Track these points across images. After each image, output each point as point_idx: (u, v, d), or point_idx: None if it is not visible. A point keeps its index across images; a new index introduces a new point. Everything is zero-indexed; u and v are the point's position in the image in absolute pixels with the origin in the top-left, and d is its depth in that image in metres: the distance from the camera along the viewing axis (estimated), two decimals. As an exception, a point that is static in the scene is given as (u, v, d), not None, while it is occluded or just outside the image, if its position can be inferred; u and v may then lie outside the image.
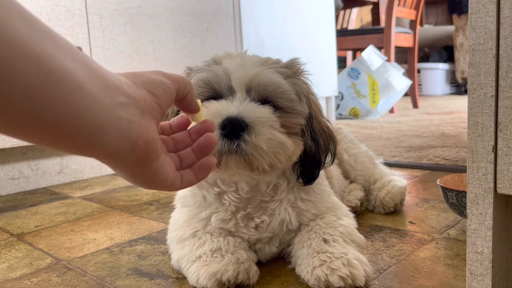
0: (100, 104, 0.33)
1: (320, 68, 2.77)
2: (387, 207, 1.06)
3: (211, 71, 0.69)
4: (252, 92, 0.68)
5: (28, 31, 0.29)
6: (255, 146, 0.63)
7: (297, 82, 0.73)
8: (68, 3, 1.56)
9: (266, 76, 0.67)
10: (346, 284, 0.66)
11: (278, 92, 0.68)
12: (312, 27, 2.72)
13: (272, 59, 0.73)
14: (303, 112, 0.71)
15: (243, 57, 0.71)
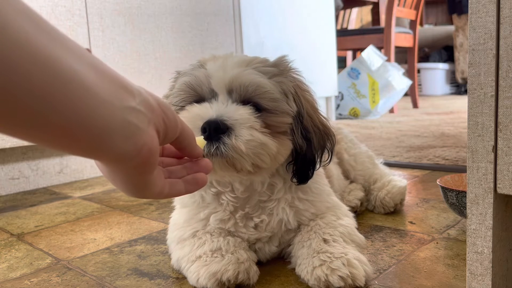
0: (109, 106, 0.32)
1: (320, 68, 2.77)
2: (387, 207, 1.06)
3: (193, 75, 0.69)
4: (233, 94, 0.67)
5: (36, 32, 0.29)
6: (235, 148, 0.63)
7: (283, 81, 0.71)
8: (68, 3, 1.56)
9: (246, 77, 0.67)
10: (346, 284, 0.66)
11: (260, 92, 0.67)
12: (312, 27, 2.71)
13: (259, 58, 0.72)
14: (289, 111, 0.70)
15: (226, 58, 0.71)
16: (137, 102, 0.35)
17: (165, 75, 1.85)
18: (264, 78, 0.68)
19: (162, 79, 1.84)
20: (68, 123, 0.30)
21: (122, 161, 0.36)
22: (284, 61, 0.75)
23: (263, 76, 0.68)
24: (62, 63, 0.30)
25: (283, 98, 0.69)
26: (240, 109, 0.66)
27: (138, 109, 0.35)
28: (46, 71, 0.28)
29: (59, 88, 0.29)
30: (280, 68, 0.72)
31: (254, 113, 0.66)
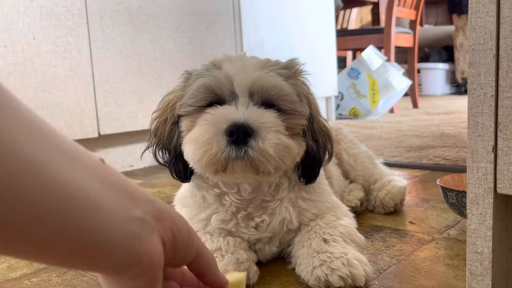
0: (114, 219, 0.30)
1: (320, 68, 2.77)
2: (387, 207, 1.06)
3: (212, 76, 0.68)
4: (255, 96, 0.67)
5: (49, 153, 0.27)
6: (262, 151, 0.63)
7: (297, 83, 0.73)
8: (68, 3, 1.55)
9: (268, 80, 0.67)
10: (346, 284, 0.66)
11: (281, 95, 0.68)
12: (312, 27, 2.71)
13: (271, 60, 0.73)
14: (304, 113, 0.71)
15: (243, 60, 0.70)
16: (143, 211, 0.33)
17: (165, 75, 1.85)
18: (283, 80, 0.69)
19: (162, 79, 1.84)
20: (69, 242, 0.28)
21: (119, 272, 0.32)
22: (296, 64, 0.75)
23: (281, 79, 0.69)
24: (73, 185, 0.28)
25: (298, 101, 0.70)
26: (265, 112, 0.66)
27: (144, 219, 0.32)
28: (58, 196, 0.27)
29: (66, 210, 0.27)
30: (292, 71, 0.73)
31: (277, 116, 0.67)
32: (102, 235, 0.29)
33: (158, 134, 0.76)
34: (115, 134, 1.76)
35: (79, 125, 1.60)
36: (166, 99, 0.77)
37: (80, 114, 1.60)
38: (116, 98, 1.69)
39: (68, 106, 1.57)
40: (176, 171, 0.75)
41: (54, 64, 1.53)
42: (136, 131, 1.82)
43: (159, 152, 0.76)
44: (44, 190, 0.26)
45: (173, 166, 0.74)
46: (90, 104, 1.63)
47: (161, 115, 0.76)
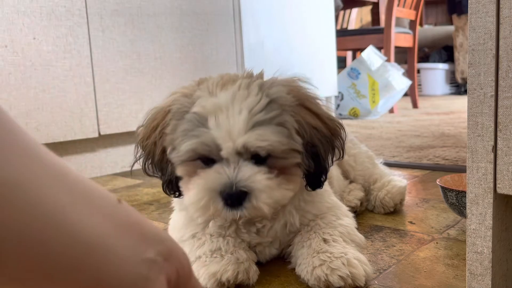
0: (126, 263, 0.30)
1: (320, 68, 2.77)
2: (387, 207, 1.06)
3: (199, 142, 0.66)
4: (244, 155, 0.66)
5: (70, 201, 0.27)
6: (257, 209, 0.66)
7: (286, 119, 0.68)
8: (68, 3, 1.56)
9: (256, 143, 0.65)
10: (346, 284, 0.66)
11: (270, 151, 0.66)
12: (312, 27, 2.71)
13: (257, 96, 0.67)
14: (297, 148, 0.68)
15: (230, 115, 0.65)
16: (156, 252, 0.33)
17: (165, 75, 1.85)
18: (272, 133, 0.65)
19: (162, 79, 1.84)
20: (78, 285, 0.28)
21: None
22: (280, 91, 0.69)
23: (270, 129, 0.66)
24: (92, 235, 0.28)
25: (289, 138, 0.67)
26: (256, 171, 0.65)
27: (155, 260, 0.32)
28: (77, 248, 0.27)
29: (85, 261, 0.28)
30: (280, 103, 0.68)
31: (268, 169, 0.66)
32: (115, 280, 0.30)
33: (147, 151, 0.75)
34: (115, 134, 1.76)
35: (79, 125, 1.60)
36: (152, 122, 0.75)
37: (80, 114, 1.60)
38: (116, 98, 1.70)
39: (68, 106, 1.57)
40: (170, 190, 0.75)
41: (54, 64, 1.53)
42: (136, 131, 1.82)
43: (148, 166, 0.76)
44: (65, 243, 0.26)
45: (167, 187, 0.75)
46: (90, 104, 1.63)
47: (148, 136, 0.75)
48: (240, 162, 0.65)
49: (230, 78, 0.71)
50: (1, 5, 1.41)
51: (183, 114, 0.68)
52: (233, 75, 0.73)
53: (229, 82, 0.69)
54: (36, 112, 1.49)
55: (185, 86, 0.76)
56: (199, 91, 0.70)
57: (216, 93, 0.67)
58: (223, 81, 0.70)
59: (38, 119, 1.50)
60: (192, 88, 0.72)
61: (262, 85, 0.69)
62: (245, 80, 0.69)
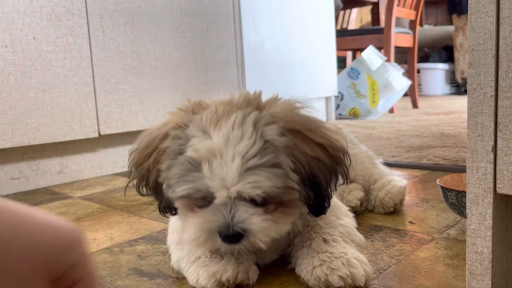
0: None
1: (320, 68, 2.77)
2: (386, 207, 1.06)
3: (193, 188, 0.65)
4: (239, 198, 0.65)
5: None
6: (254, 245, 0.66)
7: (282, 160, 0.65)
8: (68, 3, 1.56)
9: (251, 192, 0.63)
10: (346, 284, 0.66)
11: (265, 195, 0.65)
12: (312, 27, 2.72)
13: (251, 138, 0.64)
14: (293, 185, 0.66)
15: (223, 163, 0.63)
16: None
17: (165, 75, 1.85)
18: (267, 178, 0.63)
19: (162, 79, 1.84)
20: None
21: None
22: (275, 132, 0.66)
23: (265, 175, 0.63)
24: None
25: (284, 178, 0.65)
26: (252, 214, 0.65)
27: None
28: None
29: None
30: (275, 144, 0.65)
31: (264, 207, 0.66)
32: None
33: (141, 176, 0.74)
34: (115, 134, 1.76)
35: (79, 125, 1.60)
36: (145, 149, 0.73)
37: (80, 114, 1.60)
38: (116, 98, 1.70)
39: (68, 106, 1.57)
40: (167, 212, 0.75)
41: (54, 64, 1.53)
42: (136, 131, 1.82)
43: (142, 188, 0.75)
44: None
45: (163, 209, 0.75)
46: (90, 104, 1.63)
47: (142, 162, 0.73)
48: (236, 202, 0.65)
49: (224, 109, 0.67)
50: (1, 5, 1.41)
51: (177, 155, 0.67)
52: (228, 103, 0.69)
53: (223, 116, 0.66)
54: (36, 112, 1.49)
55: (180, 109, 0.73)
56: (192, 126, 0.67)
57: (210, 132, 0.65)
58: (217, 115, 0.67)
59: (38, 119, 1.50)
60: (186, 117, 0.70)
61: (256, 122, 0.66)
62: (240, 115, 0.66)
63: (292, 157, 0.66)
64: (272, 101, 0.72)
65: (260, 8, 2.31)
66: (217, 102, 0.70)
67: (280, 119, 0.68)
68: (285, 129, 0.67)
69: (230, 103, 0.69)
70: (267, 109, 0.69)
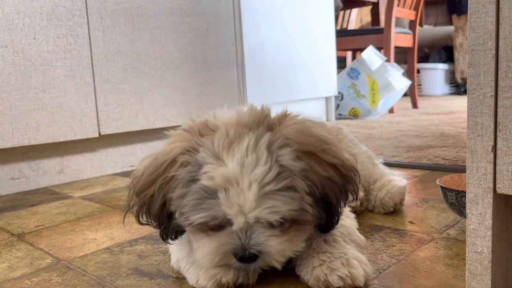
0: None
1: (320, 68, 2.77)
2: (386, 207, 1.06)
3: (209, 215, 0.63)
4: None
5: None
6: (270, 265, 0.67)
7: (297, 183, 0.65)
8: (68, 3, 1.56)
9: (269, 217, 0.63)
10: (345, 284, 0.66)
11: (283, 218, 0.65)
12: (312, 27, 2.72)
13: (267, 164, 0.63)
14: (307, 208, 0.66)
15: (240, 191, 0.62)
16: None
17: (165, 75, 1.85)
18: (284, 203, 0.63)
19: (162, 79, 1.84)
20: None
21: None
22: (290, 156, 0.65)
23: (281, 199, 0.63)
24: None
25: (300, 201, 0.65)
26: (268, 235, 0.65)
27: None
28: None
29: None
30: (291, 169, 0.64)
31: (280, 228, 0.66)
32: None
33: (142, 202, 0.71)
34: (115, 134, 1.76)
35: (79, 125, 1.60)
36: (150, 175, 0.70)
37: (80, 114, 1.60)
38: (116, 98, 1.70)
39: (68, 106, 1.57)
40: (169, 238, 0.73)
41: (54, 64, 1.53)
42: (136, 131, 1.82)
43: (142, 216, 0.72)
44: None
45: (166, 235, 0.72)
46: (90, 104, 1.63)
47: (145, 189, 0.70)
48: (252, 225, 0.65)
49: (236, 132, 0.66)
50: (1, 5, 1.41)
51: (189, 183, 0.65)
52: (237, 123, 0.67)
53: (235, 140, 0.65)
54: (36, 112, 1.49)
55: (185, 130, 0.71)
56: (203, 151, 0.65)
57: (223, 157, 0.64)
58: (229, 139, 0.65)
59: (38, 119, 1.50)
60: (194, 140, 0.68)
61: (270, 146, 0.65)
62: (253, 138, 0.65)
63: (307, 180, 0.65)
64: (282, 120, 0.70)
65: (260, 8, 2.31)
66: (227, 123, 0.68)
67: (293, 141, 0.66)
68: (299, 151, 0.66)
69: (239, 124, 0.67)
70: (280, 130, 0.68)
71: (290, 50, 2.51)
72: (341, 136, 1.10)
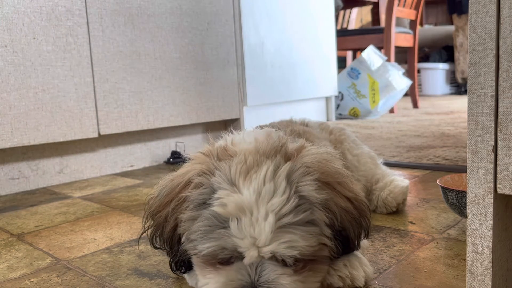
0: None
1: (320, 68, 2.77)
2: (389, 207, 1.06)
3: (219, 247, 0.59)
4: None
5: None
6: None
7: (316, 215, 0.61)
8: (68, 3, 1.55)
9: (286, 253, 0.58)
10: (345, 284, 0.66)
11: (301, 255, 0.60)
12: (312, 27, 2.71)
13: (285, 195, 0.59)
14: (325, 241, 0.62)
15: (254, 221, 0.58)
16: None
17: (165, 75, 1.85)
18: (302, 238, 0.59)
19: (162, 79, 1.84)
20: None
21: None
22: (311, 188, 0.62)
23: (300, 233, 0.59)
24: None
25: (319, 235, 0.61)
26: (280, 274, 0.59)
27: None
28: None
29: None
30: (311, 200, 0.61)
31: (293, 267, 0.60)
32: None
33: (157, 224, 0.70)
34: (115, 134, 1.76)
35: (79, 125, 1.60)
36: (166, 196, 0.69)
37: (80, 114, 1.60)
38: (116, 98, 1.70)
39: (68, 106, 1.57)
40: (179, 268, 0.71)
41: (54, 64, 1.53)
42: (136, 131, 1.82)
43: (156, 239, 0.70)
44: None
45: (176, 264, 0.70)
46: (90, 104, 1.63)
47: (160, 210, 0.69)
48: (263, 261, 0.59)
49: (254, 159, 0.63)
50: (1, 5, 1.41)
51: (201, 207, 0.62)
52: (255, 151, 0.65)
53: (253, 168, 0.62)
54: (36, 112, 1.49)
55: (203, 153, 0.69)
56: (218, 175, 0.63)
57: (239, 184, 0.60)
58: (247, 165, 0.62)
59: (38, 119, 1.50)
60: (211, 163, 0.65)
61: (290, 175, 0.62)
62: (271, 166, 0.62)
63: (327, 212, 0.62)
64: (300, 150, 0.68)
65: (260, 8, 2.31)
66: (245, 150, 0.66)
67: (314, 170, 0.64)
68: (320, 181, 0.64)
69: (257, 151, 0.65)
70: (299, 159, 0.65)
71: (290, 50, 2.51)
72: (344, 137, 1.10)
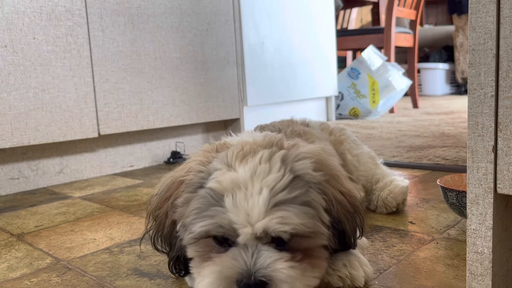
0: None
1: (320, 68, 2.77)
2: (389, 207, 1.06)
3: (214, 223, 0.59)
4: (263, 238, 0.59)
5: None
6: None
7: (313, 197, 0.61)
8: (68, 3, 1.55)
9: (279, 228, 0.58)
10: (345, 284, 0.66)
11: (293, 234, 0.59)
12: (312, 27, 2.71)
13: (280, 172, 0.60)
14: (323, 230, 0.62)
15: (249, 195, 0.58)
16: None
17: (165, 75, 1.85)
18: (296, 215, 0.58)
19: (162, 79, 1.84)
20: None
21: None
22: (306, 166, 0.63)
23: (294, 210, 0.59)
24: None
25: (315, 219, 0.61)
26: (276, 259, 0.58)
27: None
28: None
29: None
30: (306, 179, 0.62)
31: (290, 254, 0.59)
32: None
33: (158, 223, 0.71)
34: (115, 134, 1.76)
35: (79, 125, 1.60)
36: (166, 192, 0.70)
37: (80, 114, 1.60)
38: (116, 98, 1.70)
39: (68, 106, 1.57)
40: (177, 269, 0.71)
41: (54, 64, 1.53)
42: (136, 131, 1.82)
43: (158, 239, 0.71)
44: None
45: (174, 264, 0.71)
46: (90, 104, 1.63)
47: (160, 206, 0.70)
48: (259, 247, 0.59)
49: (251, 148, 0.65)
50: (1, 5, 1.41)
51: (197, 188, 0.62)
52: (253, 143, 0.67)
53: (250, 153, 0.63)
54: (36, 112, 1.49)
55: (204, 149, 0.70)
56: (216, 161, 0.64)
57: (235, 166, 0.61)
58: (244, 152, 0.64)
59: (38, 119, 1.50)
60: (210, 155, 0.66)
61: (285, 158, 0.63)
62: (267, 152, 0.63)
63: (324, 195, 0.62)
64: (296, 144, 0.69)
65: (260, 8, 2.31)
66: (242, 142, 0.68)
67: (311, 156, 0.65)
68: (316, 164, 0.64)
69: (255, 143, 0.67)
70: (294, 150, 0.66)
71: (290, 50, 2.51)
72: (344, 137, 1.10)
